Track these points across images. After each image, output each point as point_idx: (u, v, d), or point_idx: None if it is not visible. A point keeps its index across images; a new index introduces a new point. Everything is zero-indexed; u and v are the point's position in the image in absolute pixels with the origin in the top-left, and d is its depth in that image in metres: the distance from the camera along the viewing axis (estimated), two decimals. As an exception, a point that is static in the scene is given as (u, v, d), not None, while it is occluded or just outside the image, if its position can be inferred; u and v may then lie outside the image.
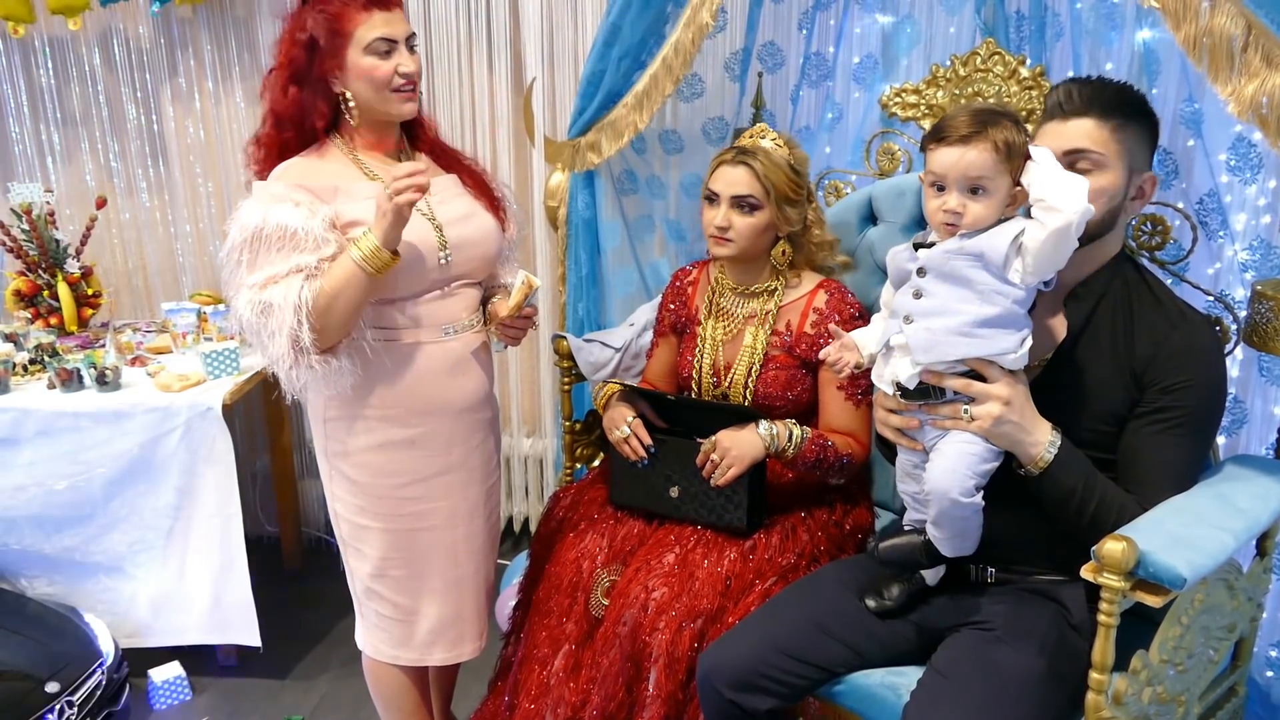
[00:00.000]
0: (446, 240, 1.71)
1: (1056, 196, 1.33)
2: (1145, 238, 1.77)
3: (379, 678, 1.95)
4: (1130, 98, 1.46)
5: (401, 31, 1.65)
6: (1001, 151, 1.38)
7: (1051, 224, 1.33)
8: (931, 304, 1.44)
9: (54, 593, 2.44)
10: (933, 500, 1.47)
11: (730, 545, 1.77)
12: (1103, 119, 1.43)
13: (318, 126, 1.69)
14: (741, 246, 1.83)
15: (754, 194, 1.80)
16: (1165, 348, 1.45)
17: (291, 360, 1.60)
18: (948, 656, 1.50)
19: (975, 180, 1.40)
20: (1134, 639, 1.36)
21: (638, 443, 1.85)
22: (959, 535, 1.49)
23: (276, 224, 1.58)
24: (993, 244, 1.39)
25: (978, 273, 1.40)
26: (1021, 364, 1.44)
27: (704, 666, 1.59)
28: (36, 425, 2.32)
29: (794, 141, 1.88)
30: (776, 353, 1.88)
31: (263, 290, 1.59)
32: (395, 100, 1.67)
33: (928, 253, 1.45)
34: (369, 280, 1.60)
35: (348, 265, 1.59)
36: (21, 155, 2.97)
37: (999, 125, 1.39)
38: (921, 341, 1.44)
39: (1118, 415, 1.48)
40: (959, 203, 1.41)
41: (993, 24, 2.06)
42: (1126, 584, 1.27)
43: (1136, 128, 1.46)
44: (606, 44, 2.22)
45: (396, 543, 1.81)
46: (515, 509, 3.11)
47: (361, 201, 1.66)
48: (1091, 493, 1.43)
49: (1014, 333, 1.42)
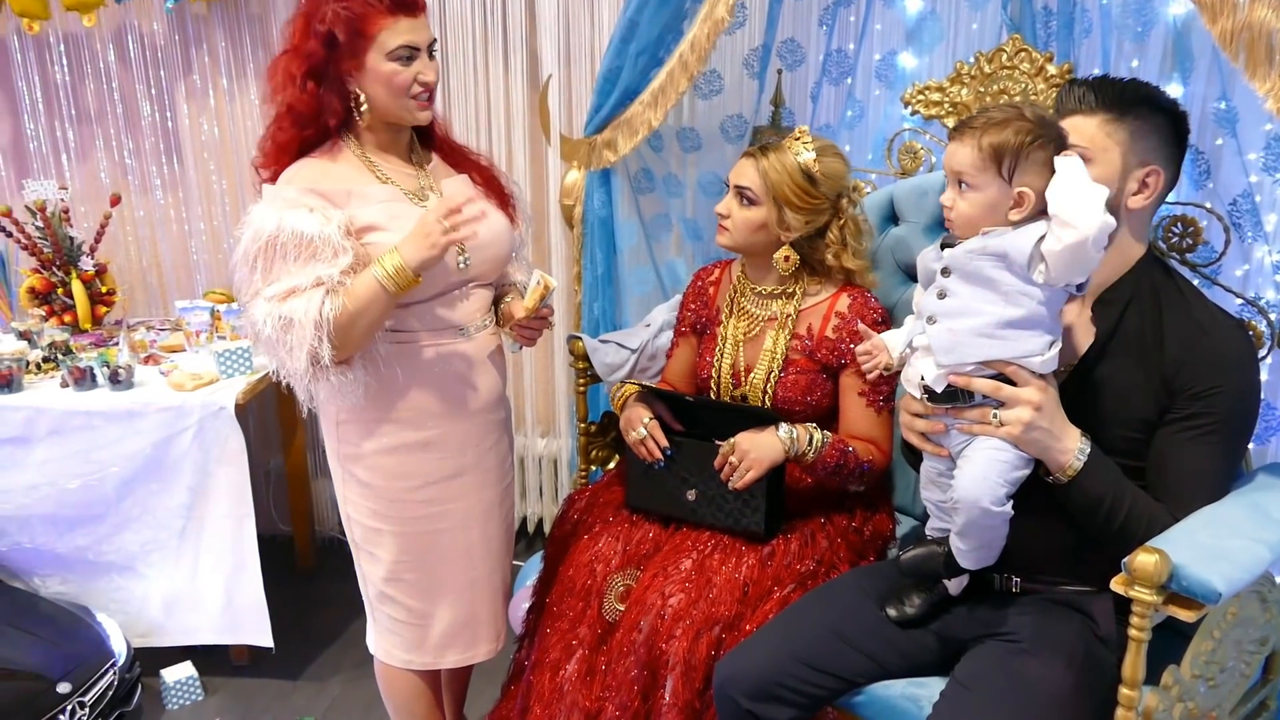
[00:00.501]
0: (464, 245, 1.68)
1: (1070, 212, 1.31)
2: (1176, 239, 1.72)
3: (391, 682, 1.93)
4: (1130, 92, 1.44)
5: (425, 39, 1.62)
6: (985, 152, 1.36)
7: (1066, 239, 1.31)
8: (955, 304, 1.42)
9: (66, 591, 2.44)
10: (961, 509, 1.43)
11: (748, 551, 1.74)
12: (1090, 114, 1.43)
13: (330, 124, 1.65)
14: (735, 238, 1.83)
15: (752, 188, 1.78)
16: (1196, 352, 1.41)
17: (310, 375, 1.59)
18: (971, 668, 1.47)
19: (960, 175, 1.40)
20: (1163, 651, 1.33)
21: (654, 444, 1.82)
22: (984, 546, 1.46)
23: (292, 231, 1.55)
24: (1016, 244, 1.36)
25: (1001, 273, 1.38)
26: (1049, 368, 1.41)
27: (721, 675, 1.57)
28: (49, 424, 2.31)
29: (831, 151, 1.81)
30: (797, 356, 1.84)
31: (282, 303, 1.55)
32: (414, 107, 1.64)
33: (951, 251, 1.42)
34: (391, 299, 1.58)
35: (371, 284, 1.56)
36: (36, 152, 2.97)
37: (999, 126, 1.37)
38: (944, 342, 1.42)
39: (1147, 422, 1.45)
40: (949, 197, 1.42)
41: (1019, 20, 2.02)
42: (1159, 598, 1.23)
43: (1134, 122, 1.42)
44: (624, 40, 2.19)
45: (410, 546, 1.78)
46: (529, 509, 3.09)
47: (375, 205, 1.63)
48: (1121, 503, 1.39)
49: (1040, 335, 1.39)
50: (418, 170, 1.74)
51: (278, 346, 1.57)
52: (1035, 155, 1.36)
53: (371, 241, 1.61)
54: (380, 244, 1.61)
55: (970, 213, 1.40)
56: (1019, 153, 1.36)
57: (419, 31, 1.61)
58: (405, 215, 1.64)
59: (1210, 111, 1.88)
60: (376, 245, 1.61)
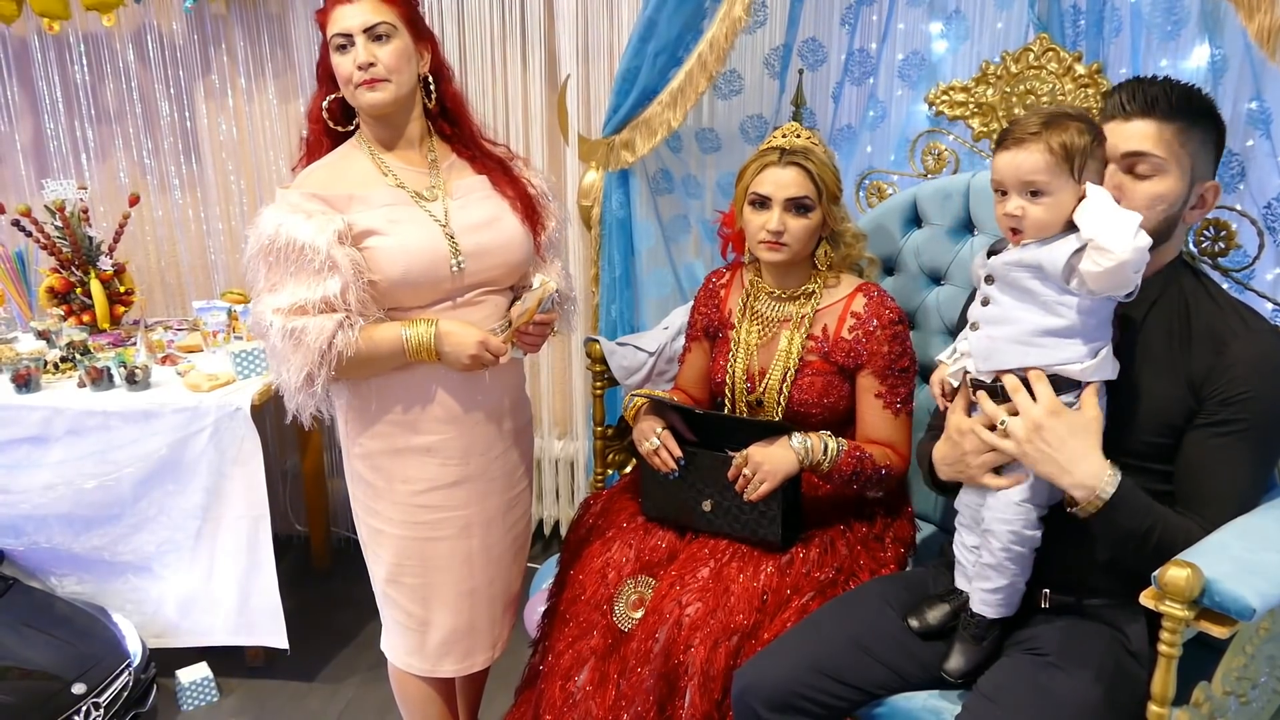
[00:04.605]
0: (460, 248, 1.65)
1: (1106, 237, 1.29)
2: (1208, 243, 1.68)
3: (404, 686, 1.92)
4: (1197, 102, 1.39)
5: (356, 23, 1.59)
6: (1058, 154, 1.34)
7: (1104, 264, 1.29)
8: (996, 312, 1.42)
9: (83, 591, 2.45)
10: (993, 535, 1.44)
11: (766, 559, 1.72)
12: (1166, 121, 1.37)
13: (328, 122, 1.69)
14: (795, 250, 1.78)
15: (809, 195, 1.75)
16: (1226, 356, 1.38)
17: (303, 391, 1.60)
18: (996, 681, 1.43)
19: (1031, 183, 1.36)
20: (1193, 666, 1.29)
21: (667, 454, 1.80)
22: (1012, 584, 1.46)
23: (286, 237, 1.55)
24: (1052, 257, 1.35)
25: (1037, 284, 1.37)
26: (1095, 376, 1.38)
27: (739, 685, 1.54)
28: (66, 424, 2.31)
29: (821, 138, 1.85)
30: (812, 358, 1.81)
31: (293, 318, 1.56)
32: (360, 93, 1.63)
33: (993, 260, 1.43)
34: (406, 360, 1.62)
35: (396, 341, 1.61)
36: (56, 152, 2.98)
37: (1060, 127, 1.35)
38: (982, 349, 1.43)
39: (1173, 427, 1.41)
40: (1017, 206, 1.38)
41: (1046, 18, 1.98)
42: (1190, 613, 1.19)
43: (1201, 133, 1.39)
44: (643, 39, 2.17)
45: (410, 550, 1.77)
46: (545, 512, 3.07)
47: (376, 210, 1.62)
48: (1150, 533, 1.35)
49: (1078, 343, 1.37)
50: (430, 169, 1.72)
51: (282, 358, 1.59)
52: (1097, 153, 1.37)
53: (370, 246, 1.60)
54: (379, 248, 1.60)
55: (1046, 217, 1.37)
56: (1086, 151, 1.35)
57: (351, 16, 1.60)
58: (406, 219, 1.63)
59: (1242, 112, 1.83)
60: (374, 249, 1.60)
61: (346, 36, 1.60)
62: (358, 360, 1.59)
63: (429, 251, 1.62)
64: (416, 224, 1.63)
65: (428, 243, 1.62)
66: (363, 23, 1.60)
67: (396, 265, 1.60)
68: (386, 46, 1.61)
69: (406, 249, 1.61)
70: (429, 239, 1.63)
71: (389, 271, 1.60)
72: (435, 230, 1.64)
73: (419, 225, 1.64)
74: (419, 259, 1.61)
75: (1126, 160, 1.38)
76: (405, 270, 1.60)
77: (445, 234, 1.65)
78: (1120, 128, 1.39)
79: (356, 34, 1.60)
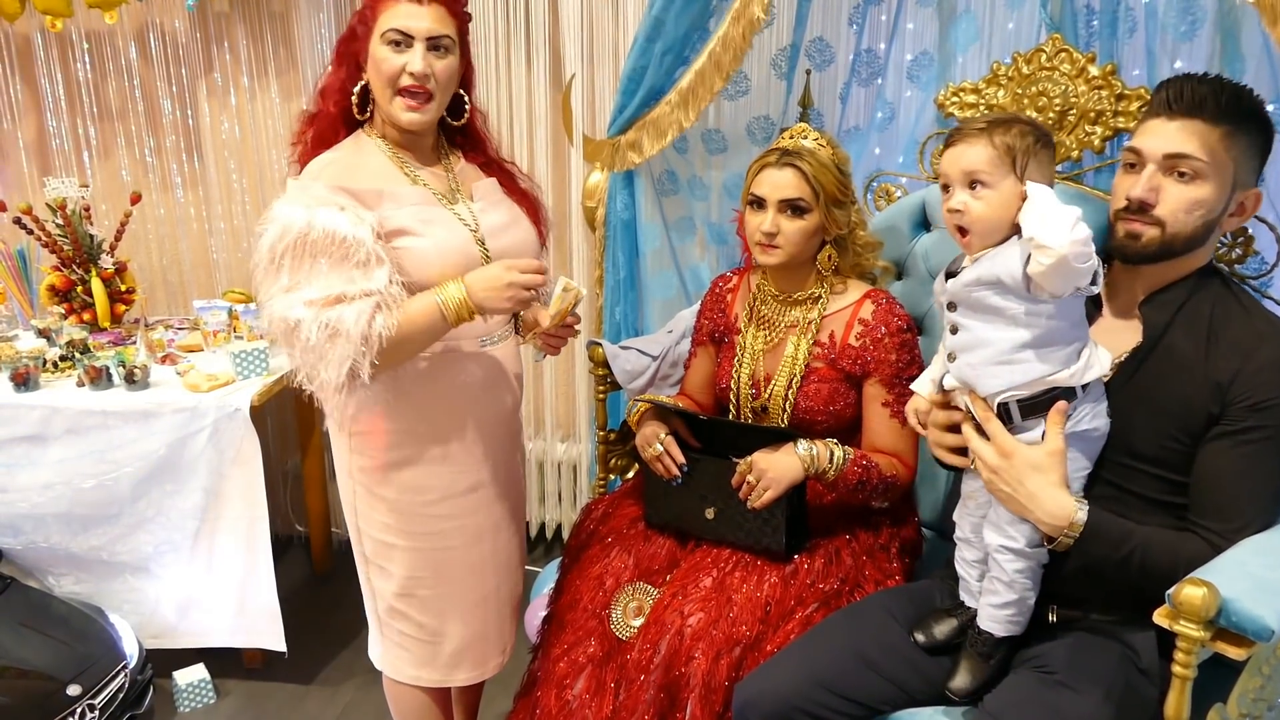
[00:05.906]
0: (489, 252, 1.62)
1: (1045, 233, 1.26)
2: (1224, 249, 1.64)
3: (400, 698, 1.88)
4: (1248, 103, 1.35)
5: (422, 28, 1.53)
6: (1000, 148, 1.36)
7: (1045, 261, 1.27)
8: (967, 338, 1.40)
9: (80, 591, 2.43)
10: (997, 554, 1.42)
11: (770, 568, 1.68)
12: (1213, 124, 1.33)
13: (344, 107, 1.61)
14: (789, 253, 1.74)
15: (803, 197, 1.71)
16: (1254, 361, 1.34)
17: (345, 388, 1.52)
18: (1002, 698, 1.40)
19: (972, 173, 1.36)
20: (1207, 685, 1.25)
21: (671, 461, 1.77)
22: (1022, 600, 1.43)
23: (324, 229, 1.46)
24: (1009, 268, 1.33)
25: (1002, 300, 1.35)
26: (1089, 377, 1.36)
27: (741, 698, 1.51)
28: (65, 423, 2.30)
29: (835, 141, 1.80)
30: (819, 365, 1.78)
31: (327, 310, 1.47)
32: (398, 104, 1.56)
33: (952, 285, 1.41)
34: (447, 328, 1.54)
35: (432, 310, 1.52)
36: (58, 150, 2.96)
37: (1004, 128, 1.37)
38: (965, 378, 1.41)
39: (1192, 432, 1.37)
40: (960, 201, 1.38)
41: (1059, 18, 1.94)
42: (1206, 634, 1.16)
43: (1247, 137, 1.35)
44: (649, 39, 2.15)
45: (424, 561, 1.74)
46: (548, 515, 3.04)
47: (407, 208, 1.57)
48: (1130, 558, 1.33)
49: (1059, 349, 1.35)
50: (446, 171, 1.68)
51: (315, 355, 1.49)
52: (1041, 154, 1.37)
53: (402, 246, 1.55)
54: (411, 249, 1.55)
55: (986, 213, 1.37)
56: (1028, 151, 1.35)
57: (416, 18, 1.53)
58: (437, 220, 1.59)
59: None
60: (407, 250, 1.55)
61: (407, 36, 1.53)
62: (398, 339, 1.50)
63: (462, 254, 1.58)
64: (447, 226, 1.59)
65: (461, 245, 1.59)
66: (429, 29, 1.54)
67: (431, 267, 1.55)
68: (443, 61, 1.57)
69: (441, 251, 1.56)
70: (461, 242, 1.59)
71: (423, 273, 1.55)
72: (465, 233, 1.61)
73: (450, 227, 1.59)
74: (454, 262, 1.56)
75: (1168, 161, 1.35)
76: (440, 273, 1.55)
77: (476, 238, 1.62)
78: (1164, 126, 1.35)
79: (420, 39, 1.54)
